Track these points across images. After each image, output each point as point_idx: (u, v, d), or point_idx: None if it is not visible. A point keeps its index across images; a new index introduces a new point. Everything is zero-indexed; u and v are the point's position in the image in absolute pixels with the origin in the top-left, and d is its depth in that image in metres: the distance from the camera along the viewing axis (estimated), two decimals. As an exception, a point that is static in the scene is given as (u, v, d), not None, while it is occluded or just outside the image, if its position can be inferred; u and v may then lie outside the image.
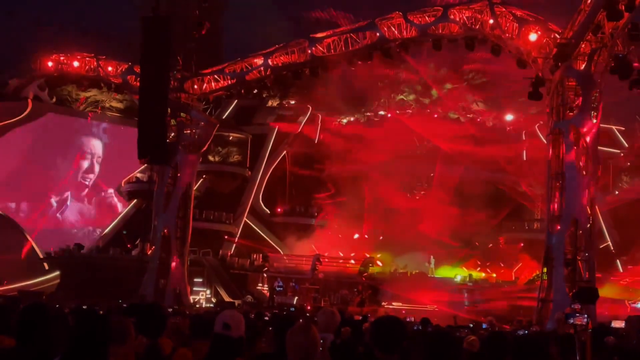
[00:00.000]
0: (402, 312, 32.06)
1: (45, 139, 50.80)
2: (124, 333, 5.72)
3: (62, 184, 52.46)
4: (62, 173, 52.32)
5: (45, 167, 51.04)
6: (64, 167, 52.58)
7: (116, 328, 5.59)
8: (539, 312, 27.48)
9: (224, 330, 5.52)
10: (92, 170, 53.61)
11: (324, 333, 7.32)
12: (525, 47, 29.25)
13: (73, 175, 53.12)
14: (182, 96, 37.72)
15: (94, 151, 53.75)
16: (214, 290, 44.53)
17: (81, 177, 53.43)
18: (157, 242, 36.94)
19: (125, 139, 44.21)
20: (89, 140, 53.65)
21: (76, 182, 53.15)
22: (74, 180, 53.05)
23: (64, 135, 51.92)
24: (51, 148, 51.06)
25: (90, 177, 53.52)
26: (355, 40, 34.39)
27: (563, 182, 27.58)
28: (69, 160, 52.88)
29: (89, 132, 53.54)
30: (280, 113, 56.19)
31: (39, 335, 4.99)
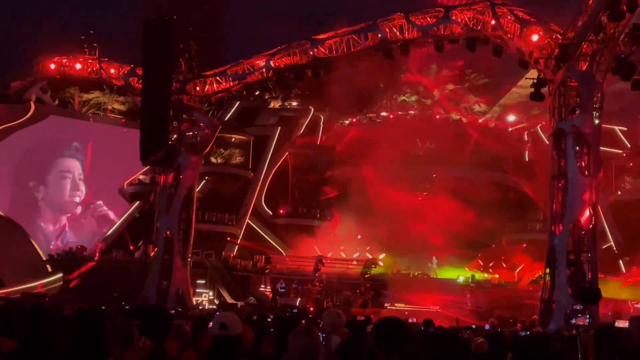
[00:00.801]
0: (405, 314, 32.04)
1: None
2: (128, 336, 5.73)
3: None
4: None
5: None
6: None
7: (120, 331, 5.61)
8: (542, 313, 27.45)
9: (222, 331, 5.56)
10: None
11: (330, 335, 7.33)
12: (527, 48, 29.22)
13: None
14: (184, 98, 37.73)
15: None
16: (217, 292, 44.54)
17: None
18: (160, 243, 36.95)
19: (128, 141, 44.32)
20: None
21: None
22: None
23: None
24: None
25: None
26: (357, 41, 34.38)
27: (565, 183, 27.55)
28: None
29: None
30: (282, 115, 56.25)
31: (41, 337, 5.01)
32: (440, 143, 49.63)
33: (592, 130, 27.56)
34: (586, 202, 27.23)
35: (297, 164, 54.00)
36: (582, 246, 27.23)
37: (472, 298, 36.31)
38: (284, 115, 56.26)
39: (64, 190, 52.98)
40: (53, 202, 52.49)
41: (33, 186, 51.62)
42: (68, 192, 53.05)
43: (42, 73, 46.01)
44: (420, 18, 33.34)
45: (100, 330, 5.01)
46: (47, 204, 52.18)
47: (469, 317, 29.12)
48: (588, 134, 27.48)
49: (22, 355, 5.11)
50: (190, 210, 37.78)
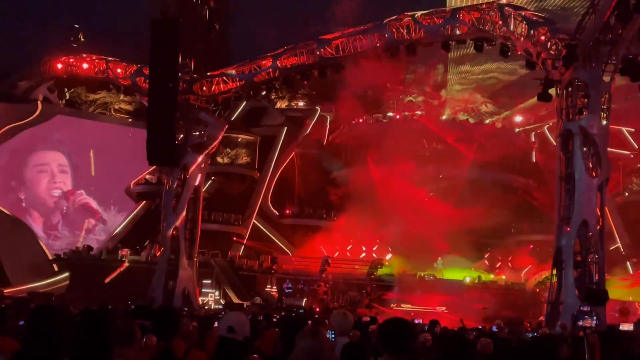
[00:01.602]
0: (411, 314, 31.99)
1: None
2: (129, 335, 5.73)
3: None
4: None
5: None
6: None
7: (122, 330, 5.60)
8: (549, 314, 27.37)
9: (229, 334, 5.53)
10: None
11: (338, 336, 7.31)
12: (534, 48, 29.14)
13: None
14: (191, 98, 37.79)
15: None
16: (223, 292, 44.58)
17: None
18: (166, 243, 36.99)
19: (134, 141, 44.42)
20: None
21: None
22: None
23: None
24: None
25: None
26: (363, 41, 34.36)
27: (572, 184, 27.45)
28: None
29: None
30: (289, 115, 56.27)
31: (48, 336, 5.01)
32: (447, 143, 49.54)
33: (600, 131, 27.45)
34: (593, 203, 27.13)
35: (304, 164, 53.98)
36: (590, 247, 27.13)
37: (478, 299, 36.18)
38: (291, 115, 56.29)
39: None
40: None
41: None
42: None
43: (49, 73, 46.12)
44: (427, 18, 33.31)
45: (106, 329, 5.01)
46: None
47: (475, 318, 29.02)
48: (596, 135, 27.37)
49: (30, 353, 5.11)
50: (196, 210, 37.82)
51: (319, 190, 52.28)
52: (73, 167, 52.67)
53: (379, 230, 47.18)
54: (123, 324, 5.74)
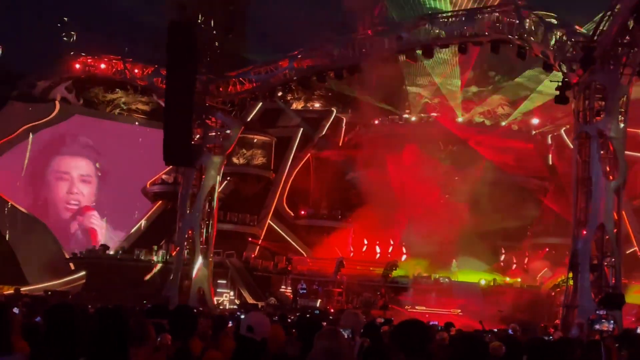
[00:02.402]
0: (426, 316, 31.93)
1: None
2: (143, 334, 5.78)
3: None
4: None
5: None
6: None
7: (136, 329, 5.65)
8: (564, 317, 27.24)
9: (248, 333, 5.57)
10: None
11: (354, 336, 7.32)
12: (551, 51, 29.03)
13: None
14: (208, 99, 37.93)
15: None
16: (238, 292, 44.69)
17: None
18: (182, 243, 37.13)
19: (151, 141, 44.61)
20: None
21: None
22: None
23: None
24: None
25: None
26: (380, 43, 34.33)
27: (589, 187, 27.31)
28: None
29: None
30: (305, 116, 56.32)
31: (66, 334, 5.06)
32: (463, 145, 49.39)
33: (617, 134, 27.31)
34: (610, 207, 26.98)
35: (319, 165, 54.01)
36: (606, 251, 26.99)
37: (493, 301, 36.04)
38: (307, 116, 56.33)
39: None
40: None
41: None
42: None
43: (67, 73, 46.44)
44: (443, 20, 33.26)
45: (124, 328, 5.05)
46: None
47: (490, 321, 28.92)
48: (613, 138, 27.23)
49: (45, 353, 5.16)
50: (212, 210, 37.94)
51: (334, 191, 52.27)
52: (96, 174, 53.02)
53: (394, 232, 47.17)
54: (136, 324, 5.78)
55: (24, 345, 5.87)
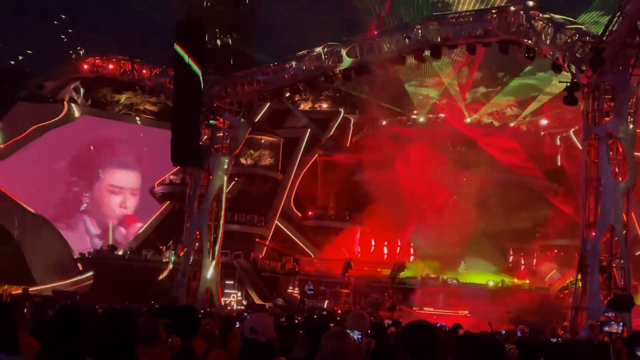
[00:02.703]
0: (434, 318, 31.85)
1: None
2: (153, 334, 5.76)
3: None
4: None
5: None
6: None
7: (146, 329, 5.63)
8: (573, 319, 27.12)
9: (252, 335, 5.54)
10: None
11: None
12: (560, 51, 28.92)
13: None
14: (215, 99, 37.94)
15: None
16: (245, 293, 44.70)
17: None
18: (189, 244, 37.16)
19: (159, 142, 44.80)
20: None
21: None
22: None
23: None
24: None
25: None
26: (388, 44, 34.27)
27: (598, 188, 27.21)
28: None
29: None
30: (312, 117, 56.32)
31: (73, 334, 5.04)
32: (471, 146, 49.29)
33: (626, 136, 27.19)
34: (619, 208, 26.86)
35: (327, 166, 53.99)
36: (615, 252, 26.87)
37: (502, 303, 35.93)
38: (314, 117, 56.33)
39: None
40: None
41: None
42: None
43: (75, 73, 46.55)
44: (452, 20, 33.18)
45: (131, 329, 5.03)
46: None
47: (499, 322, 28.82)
48: (622, 139, 27.11)
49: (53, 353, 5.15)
50: (219, 211, 37.95)
51: (341, 192, 52.24)
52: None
53: (402, 233, 47.09)
54: (147, 323, 5.77)
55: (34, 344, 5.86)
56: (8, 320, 5.24)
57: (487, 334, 16.48)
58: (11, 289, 39.97)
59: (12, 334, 5.21)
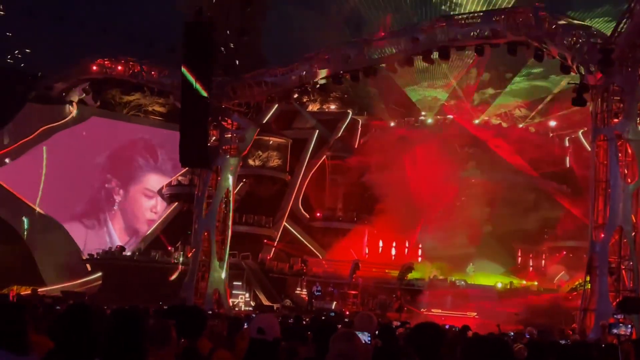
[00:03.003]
0: (442, 319, 31.81)
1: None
2: (164, 335, 5.77)
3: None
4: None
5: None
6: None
7: (157, 330, 5.65)
8: (582, 321, 27.05)
9: (259, 335, 5.56)
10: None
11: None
12: (569, 53, 28.85)
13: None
14: (224, 101, 38.00)
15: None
16: (253, 294, 44.75)
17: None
18: (198, 245, 37.23)
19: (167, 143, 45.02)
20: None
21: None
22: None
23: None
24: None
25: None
26: (396, 45, 34.25)
27: (607, 190, 27.13)
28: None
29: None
30: (321, 118, 56.33)
31: (82, 335, 5.06)
32: (479, 147, 49.21)
33: (635, 137, 27.12)
34: (628, 210, 26.79)
35: (335, 167, 54.01)
36: (624, 254, 26.79)
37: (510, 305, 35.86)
38: (322, 118, 56.34)
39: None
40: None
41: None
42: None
43: (84, 74, 46.71)
44: (460, 22, 33.11)
45: (139, 329, 5.04)
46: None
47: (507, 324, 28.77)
48: (631, 140, 27.04)
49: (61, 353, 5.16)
50: (227, 212, 38.01)
51: (349, 193, 52.25)
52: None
53: (410, 234, 47.05)
54: (159, 324, 5.79)
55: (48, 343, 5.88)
56: (17, 320, 5.26)
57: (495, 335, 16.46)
58: (20, 290, 40.18)
59: (20, 334, 5.24)
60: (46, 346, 5.64)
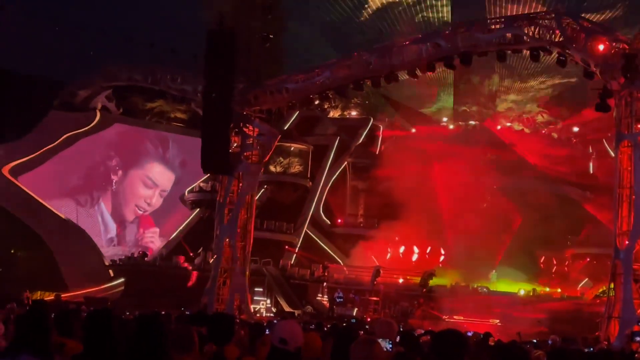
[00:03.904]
0: (464, 326, 31.62)
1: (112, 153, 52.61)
2: (188, 341, 5.79)
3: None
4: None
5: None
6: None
7: (180, 336, 5.67)
8: (606, 329, 26.76)
9: (281, 345, 5.51)
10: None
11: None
12: (592, 58, 28.62)
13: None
14: (245, 107, 38.11)
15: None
16: (274, 300, 44.74)
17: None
18: (219, 251, 37.31)
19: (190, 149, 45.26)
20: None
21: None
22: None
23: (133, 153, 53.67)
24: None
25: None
26: (417, 51, 34.14)
27: (631, 196, 26.85)
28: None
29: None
30: (342, 124, 56.34)
31: (105, 340, 5.09)
32: (503, 153, 48.93)
33: (660, 142, 26.84)
34: (653, 216, 26.50)
35: (356, 173, 53.95)
36: (649, 261, 26.50)
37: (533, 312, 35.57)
38: (343, 124, 56.34)
39: (133, 194, 54.30)
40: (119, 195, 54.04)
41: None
42: (134, 199, 54.35)
43: (107, 82, 47.08)
44: (482, 27, 32.95)
45: (161, 335, 5.07)
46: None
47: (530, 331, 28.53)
48: (656, 146, 26.76)
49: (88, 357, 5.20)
50: (249, 218, 38.06)
51: (371, 199, 52.15)
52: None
53: (432, 240, 46.84)
54: (182, 330, 5.81)
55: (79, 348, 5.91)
56: (40, 324, 5.30)
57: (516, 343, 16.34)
58: (44, 296, 40.51)
59: (44, 338, 5.28)
60: (75, 350, 5.68)
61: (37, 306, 14.86)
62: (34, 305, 21.68)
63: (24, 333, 5.26)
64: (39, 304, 26.41)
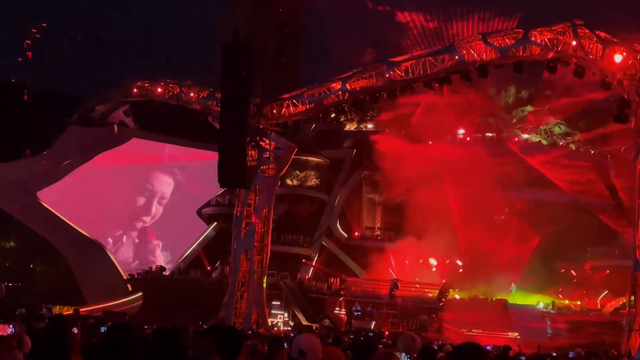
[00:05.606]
0: (482, 340, 31.39)
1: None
2: (205, 355, 5.78)
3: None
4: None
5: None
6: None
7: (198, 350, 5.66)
8: (627, 342, 26.47)
9: (300, 357, 5.50)
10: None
11: None
12: (609, 69, 28.49)
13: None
14: (262, 121, 38.21)
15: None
16: (292, 314, 44.67)
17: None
18: (236, 264, 37.33)
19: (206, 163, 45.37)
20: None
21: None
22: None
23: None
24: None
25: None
26: (433, 63, 34.13)
27: (651, 207, 26.63)
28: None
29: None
30: (358, 137, 56.28)
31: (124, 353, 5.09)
32: (520, 165, 48.63)
33: (680, 153, 26.62)
34: (674, 228, 26.25)
35: (372, 186, 53.85)
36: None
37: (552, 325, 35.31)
38: (360, 137, 56.28)
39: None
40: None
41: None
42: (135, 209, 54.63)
43: (125, 97, 47.41)
44: (498, 39, 32.87)
45: (179, 349, 5.06)
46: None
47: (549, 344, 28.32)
48: (675, 157, 26.54)
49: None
50: (266, 231, 38.07)
51: (387, 212, 52.00)
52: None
53: (450, 253, 46.60)
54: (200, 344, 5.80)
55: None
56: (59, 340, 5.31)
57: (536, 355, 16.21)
58: (63, 310, 40.66)
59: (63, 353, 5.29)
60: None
61: (55, 323, 14.92)
62: (52, 322, 21.74)
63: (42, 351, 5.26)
64: (57, 321, 26.50)
